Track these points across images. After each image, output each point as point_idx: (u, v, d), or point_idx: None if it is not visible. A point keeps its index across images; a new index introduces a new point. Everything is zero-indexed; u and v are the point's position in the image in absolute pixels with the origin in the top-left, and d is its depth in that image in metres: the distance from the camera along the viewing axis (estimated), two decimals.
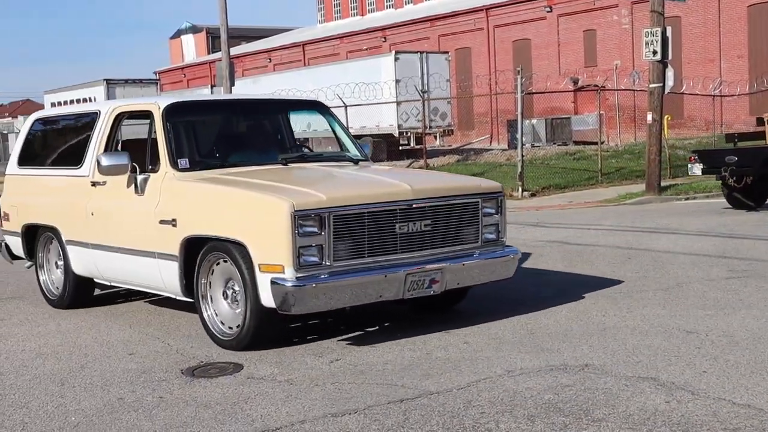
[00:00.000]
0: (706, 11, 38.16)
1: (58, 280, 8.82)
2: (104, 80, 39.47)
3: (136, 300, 8.96)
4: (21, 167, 9.33)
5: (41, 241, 8.95)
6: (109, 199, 7.83)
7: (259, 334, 6.56)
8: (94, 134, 8.26)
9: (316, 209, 6.22)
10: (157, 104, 7.63)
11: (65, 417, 5.25)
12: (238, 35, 63.68)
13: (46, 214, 8.69)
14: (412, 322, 7.40)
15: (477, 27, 48.01)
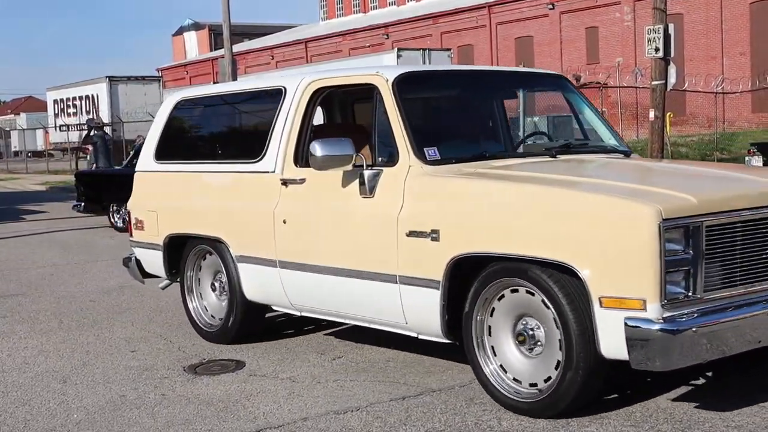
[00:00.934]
0: (709, 8, 38.12)
1: (216, 306, 6.95)
2: (107, 77, 39.40)
3: (138, 297, 8.97)
4: (160, 162, 7.36)
5: (191, 257, 7.06)
6: (312, 201, 5.88)
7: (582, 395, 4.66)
8: (279, 118, 6.26)
9: (686, 218, 4.37)
10: (382, 76, 5.67)
11: (67, 414, 5.25)
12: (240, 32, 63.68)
13: (204, 221, 6.75)
14: None
15: (479, 24, 47.98)
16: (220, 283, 6.88)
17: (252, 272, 6.40)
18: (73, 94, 42.34)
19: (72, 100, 42.30)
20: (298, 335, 6.98)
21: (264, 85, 6.98)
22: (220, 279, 6.82)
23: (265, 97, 6.73)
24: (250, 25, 72.59)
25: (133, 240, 7.61)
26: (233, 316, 6.65)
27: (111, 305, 8.63)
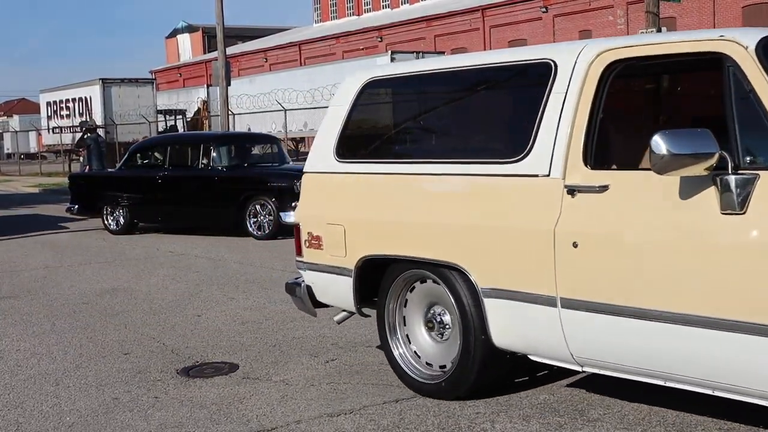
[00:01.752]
0: (701, 12, 38.26)
1: (433, 351, 5.33)
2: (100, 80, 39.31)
3: (131, 300, 8.96)
4: (345, 161, 5.69)
5: (396, 286, 5.41)
6: (627, 217, 4.28)
7: None
8: (550, 101, 4.70)
9: None
10: (737, 41, 4.09)
11: (60, 417, 5.24)
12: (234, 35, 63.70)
13: (425, 241, 5.08)
14: None
15: (473, 27, 48.07)
16: (439, 322, 5.27)
17: (508, 311, 4.79)
18: (66, 96, 42.25)
19: (65, 102, 42.20)
20: (291, 338, 6.98)
21: (513, 59, 5.14)
22: (441, 316, 5.25)
23: (517, 74, 5.18)
24: (243, 28, 72.64)
25: (305, 261, 5.89)
26: (468, 366, 5.00)
27: (104, 308, 8.61)
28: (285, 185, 13.71)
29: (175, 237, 14.75)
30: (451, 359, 5.13)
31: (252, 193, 14.04)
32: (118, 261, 12.02)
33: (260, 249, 12.71)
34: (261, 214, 13.94)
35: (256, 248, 12.82)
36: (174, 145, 15.78)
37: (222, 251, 12.61)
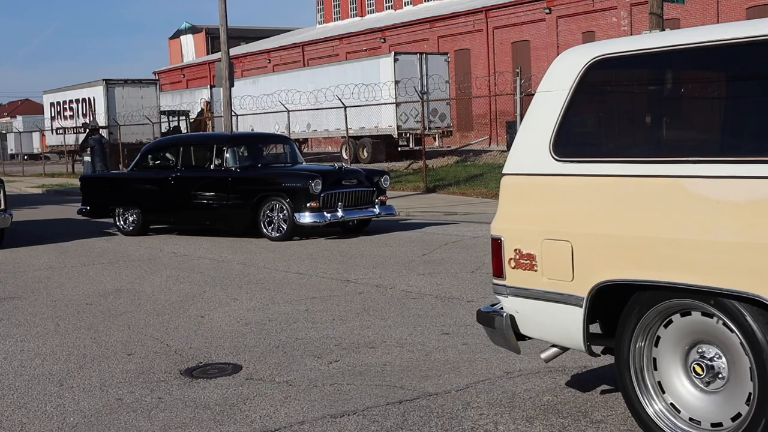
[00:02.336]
0: (705, 13, 38.24)
1: (701, 405, 4.17)
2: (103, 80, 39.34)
3: (134, 300, 8.96)
4: (568, 160, 4.52)
5: (645, 320, 4.27)
6: None
7: None
8: None
9: None
10: None
11: (64, 418, 5.25)
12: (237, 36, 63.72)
13: (704, 264, 3.90)
14: (412, 323, 7.39)
15: (476, 28, 48.04)
16: (709, 366, 4.10)
17: None
18: (69, 97, 42.30)
19: (69, 103, 42.24)
20: (295, 339, 6.98)
21: None
22: (711, 358, 4.11)
23: None
24: (247, 29, 72.64)
25: (510, 285, 4.76)
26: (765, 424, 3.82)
27: (108, 308, 8.62)
28: (300, 186, 13.55)
29: (184, 238, 14.76)
30: (730, 415, 4.01)
31: (266, 193, 13.86)
32: (122, 262, 12.03)
33: (263, 250, 12.72)
34: (276, 215, 13.72)
35: (262, 249, 12.83)
36: (187, 146, 15.52)
37: (225, 252, 12.61)
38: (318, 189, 13.47)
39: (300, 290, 9.17)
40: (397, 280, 9.50)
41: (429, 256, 11.35)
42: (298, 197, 13.46)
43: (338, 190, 13.84)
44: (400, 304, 8.14)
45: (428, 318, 7.55)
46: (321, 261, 11.30)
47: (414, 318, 7.58)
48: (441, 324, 7.29)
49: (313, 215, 13.45)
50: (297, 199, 13.47)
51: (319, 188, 13.48)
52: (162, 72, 71.98)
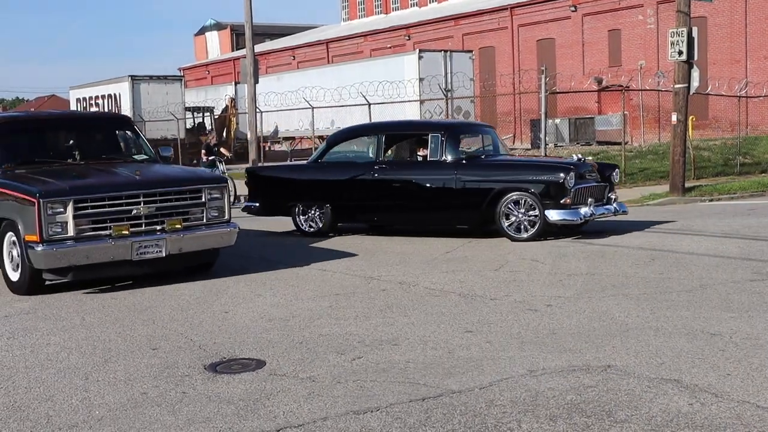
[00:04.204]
0: (733, 12, 37.87)
1: None
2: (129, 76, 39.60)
3: (159, 295, 9.02)
4: None
5: None
6: None
7: None
8: None
9: None
10: None
11: (89, 411, 5.29)
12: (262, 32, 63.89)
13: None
14: (435, 320, 7.39)
15: (501, 26, 47.89)
16: None
17: None
18: (95, 92, 42.60)
19: (94, 99, 42.55)
20: (318, 335, 7.00)
21: None
22: None
23: None
24: (271, 26, 72.81)
25: None
26: None
27: (132, 303, 8.68)
28: (551, 179, 12.09)
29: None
30: None
31: (506, 187, 12.27)
32: None
33: None
34: (518, 212, 12.21)
35: None
36: (390, 135, 13.79)
37: None
38: (572, 183, 12.06)
39: (323, 286, 9.19)
40: (420, 278, 9.50)
41: (452, 254, 11.34)
42: (550, 192, 12.02)
43: (585, 185, 12.42)
44: (423, 302, 8.14)
45: (451, 315, 7.55)
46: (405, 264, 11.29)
47: (437, 315, 7.58)
48: (464, 321, 7.28)
49: (566, 212, 12.01)
50: (548, 194, 12.02)
51: (572, 182, 12.07)
52: (187, 68, 72.34)
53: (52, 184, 9.18)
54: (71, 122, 11.89)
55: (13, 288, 9.48)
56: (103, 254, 9.12)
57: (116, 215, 9.22)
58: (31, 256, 8.96)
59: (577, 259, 10.42)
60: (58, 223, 8.93)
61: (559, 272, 9.56)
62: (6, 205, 9.46)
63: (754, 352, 5.99)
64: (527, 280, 9.12)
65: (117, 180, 9.63)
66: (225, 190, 10.10)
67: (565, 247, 11.54)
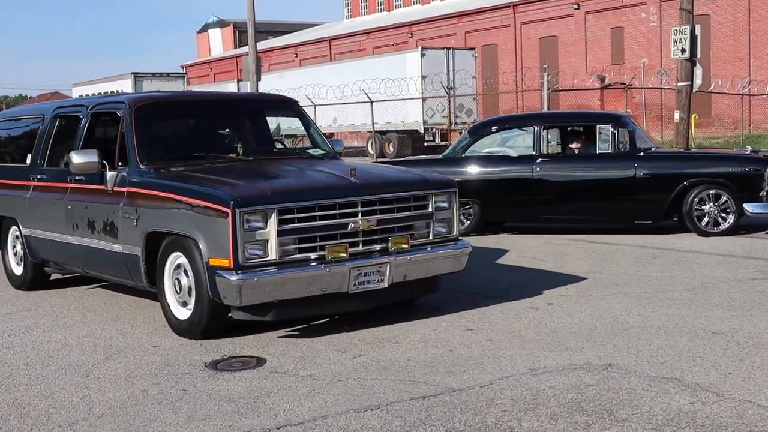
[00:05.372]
0: (736, 9, 37.82)
1: None
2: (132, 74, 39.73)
3: None
4: None
5: None
6: None
7: None
8: None
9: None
10: None
11: (90, 408, 5.29)
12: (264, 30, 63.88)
13: None
14: (435, 318, 7.38)
15: (504, 23, 47.87)
16: None
17: None
18: (98, 89, 42.67)
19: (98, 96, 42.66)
20: (319, 333, 6.99)
21: None
22: None
23: None
24: (274, 23, 72.81)
25: None
26: None
27: (134, 300, 8.68)
28: (752, 171, 11.75)
29: None
30: None
31: (696, 180, 11.81)
32: None
33: None
34: (709, 206, 11.76)
35: None
36: (549, 126, 12.93)
37: None
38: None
39: None
40: None
41: None
42: (748, 184, 11.64)
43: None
44: (423, 299, 8.13)
45: (452, 313, 7.53)
46: None
47: (438, 313, 7.57)
48: (465, 320, 7.28)
49: (764, 205, 11.68)
50: (745, 187, 11.65)
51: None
52: (190, 66, 72.36)
53: (247, 188, 6.65)
54: (229, 106, 9.09)
55: (179, 331, 7.04)
56: (315, 285, 6.59)
57: (328, 231, 6.68)
58: (221, 287, 6.40)
59: (578, 258, 10.41)
60: (257, 243, 6.38)
61: (559, 270, 9.54)
62: (175, 215, 6.87)
63: (755, 351, 5.98)
64: (527, 278, 9.11)
65: (326, 182, 7.02)
66: (454, 196, 7.55)
67: (567, 245, 11.53)
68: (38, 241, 8.94)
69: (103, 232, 7.72)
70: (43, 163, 8.95)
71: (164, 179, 7.25)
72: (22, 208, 9.15)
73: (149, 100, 8.35)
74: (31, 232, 9.03)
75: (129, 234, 7.36)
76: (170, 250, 7.03)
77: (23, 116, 10.08)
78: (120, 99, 8.21)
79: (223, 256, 6.39)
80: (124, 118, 7.74)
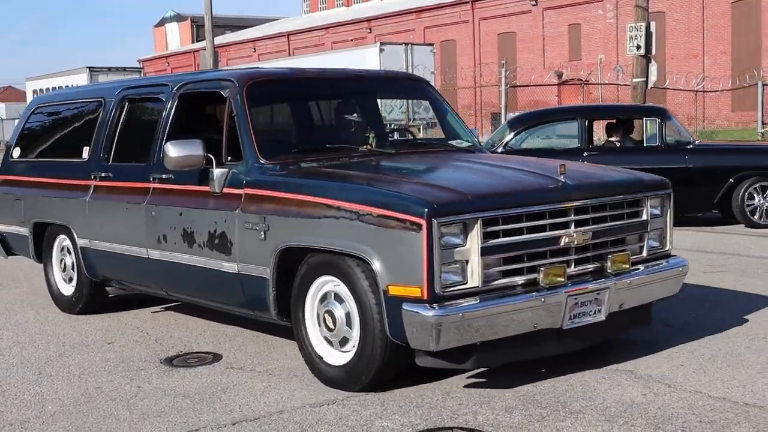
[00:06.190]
0: (690, 7, 38.33)
1: None
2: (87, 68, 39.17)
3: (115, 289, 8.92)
4: None
5: None
6: None
7: None
8: None
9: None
10: None
11: (42, 406, 5.22)
12: (222, 24, 63.47)
13: None
14: None
15: (462, 19, 48.03)
16: None
17: None
18: (53, 84, 42.02)
19: (52, 91, 42.06)
20: (276, 328, 6.96)
21: None
22: None
23: None
24: (232, 18, 72.38)
25: None
26: None
27: None
28: None
29: None
30: None
31: (743, 173, 11.94)
32: None
33: None
34: (759, 198, 11.95)
35: None
36: (593, 119, 12.84)
37: None
38: None
39: None
40: None
41: None
42: None
43: None
44: None
45: None
46: None
47: None
48: None
49: None
50: None
51: None
52: (147, 60, 71.64)
53: (440, 191, 5.03)
54: (358, 85, 7.18)
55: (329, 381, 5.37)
56: (526, 321, 5.01)
57: (537, 248, 5.12)
58: (410, 325, 4.75)
59: None
60: (455, 264, 4.80)
61: None
62: (329, 226, 5.15)
63: (706, 343, 6.06)
64: None
65: (532, 183, 5.36)
66: (668, 200, 5.98)
67: None
68: (101, 255, 7.24)
69: (208, 246, 5.98)
70: (107, 158, 7.21)
71: (301, 178, 5.66)
72: (79, 214, 7.38)
73: (262, 77, 6.53)
74: (90, 243, 7.29)
75: (251, 250, 5.66)
76: (316, 272, 5.38)
77: (71, 100, 8.30)
78: (222, 76, 6.42)
79: (412, 282, 4.75)
80: (233, 100, 6.05)
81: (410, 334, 4.78)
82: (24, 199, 8.18)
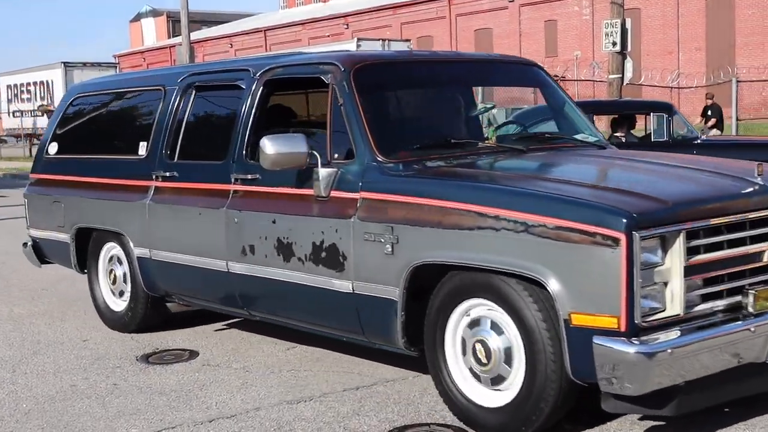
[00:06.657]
0: (665, 4, 38.60)
1: None
2: (62, 63, 38.82)
3: None
4: None
5: None
6: None
7: None
8: None
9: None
10: None
11: (16, 404, 5.18)
12: (199, 20, 63.25)
13: None
14: None
15: (439, 15, 48.11)
16: None
17: None
18: (27, 79, 41.66)
19: (26, 86, 41.62)
20: (252, 325, 6.94)
21: None
22: None
23: None
24: (209, 13, 72.11)
25: None
26: None
27: (63, 294, 8.52)
28: None
29: None
30: None
31: None
32: None
33: None
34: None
35: None
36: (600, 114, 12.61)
37: None
38: None
39: None
40: None
41: None
42: None
43: None
44: None
45: None
46: None
47: None
48: None
49: None
50: None
51: None
52: (122, 55, 71.20)
53: (631, 197, 4.10)
54: (476, 70, 6.34)
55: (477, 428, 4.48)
56: (731, 355, 4.08)
57: (740, 265, 4.22)
58: (604, 363, 3.84)
59: None
60: (654, 286, 3.90)
61: None
62: (483, 240, 4.22)
63: None
64: None
65: (731, 187, 4.44)
66: None
67: None
68: (163, 267, 6.27)
69: (312, 260, 5.04)
70: (171, 155, 6.21)
71: (438, 179, 4.78)
72: (135, 219, 6.39)
73: (370, 59, 5.56)
74: (150, 253, 6.30)
75: (372, 265, 4.71)
76: (462, 293, 4.44)
77: (121, 89, 7.26)
78: (322, 59, 5.54)
79: (604, 311, 3.84)
80: (338, 87, 5.13)
81: (607, 374, 3.83)
82: (64, 202, 7.13)
